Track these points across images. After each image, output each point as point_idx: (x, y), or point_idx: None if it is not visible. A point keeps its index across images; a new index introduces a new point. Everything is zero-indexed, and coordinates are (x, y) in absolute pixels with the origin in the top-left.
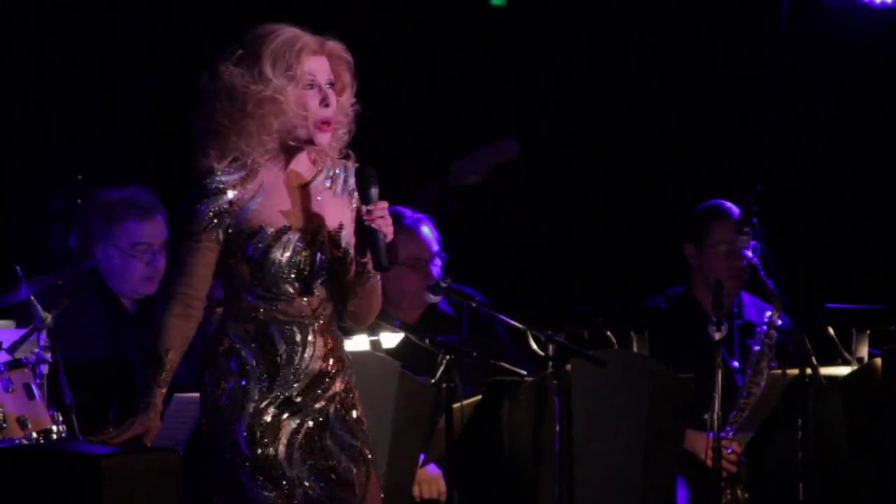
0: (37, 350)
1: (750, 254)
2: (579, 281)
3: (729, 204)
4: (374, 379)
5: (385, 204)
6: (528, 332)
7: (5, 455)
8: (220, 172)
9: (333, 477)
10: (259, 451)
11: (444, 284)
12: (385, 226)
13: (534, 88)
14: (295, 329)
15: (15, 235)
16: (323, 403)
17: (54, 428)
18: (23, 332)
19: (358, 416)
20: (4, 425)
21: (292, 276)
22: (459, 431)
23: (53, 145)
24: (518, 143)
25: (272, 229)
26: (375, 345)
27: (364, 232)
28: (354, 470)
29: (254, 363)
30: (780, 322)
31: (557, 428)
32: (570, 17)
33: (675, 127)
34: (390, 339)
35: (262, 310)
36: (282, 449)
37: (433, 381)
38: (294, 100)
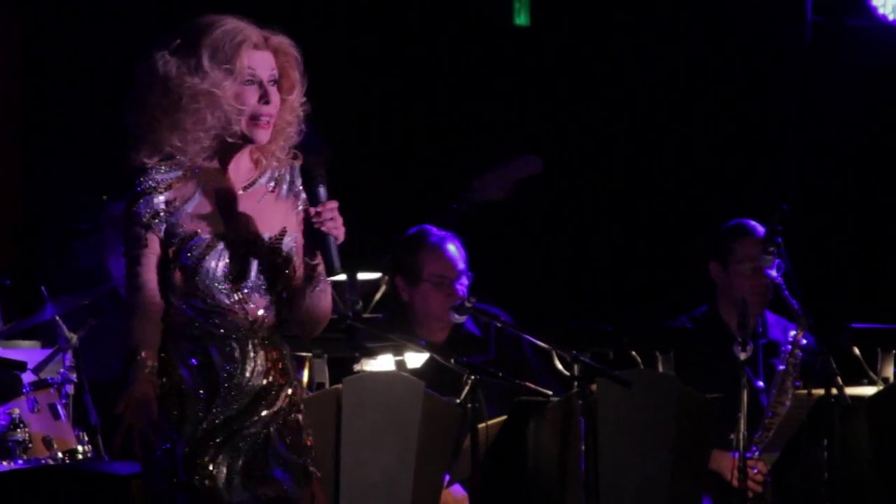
0: (62, 370)
1: (775, 273)
2: (605, 301)
3: (754, 223)
4: (399, 399)
5: (335, 204)
6: (554, 352)
7: (31, 475)
8: (153, 171)
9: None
10: (197, 476)
11: (468, 304)
12: (335, 227)
13: (558, 106)
14: (234, 345)
15: (41, 256)
16: (265, 421)
17: (80, 448)
18: (48, 352)
19: (303, 441)
20: (30, 445)
21: (227, 286)
22: (485, 452)
23: (79, 166)
24: (541, 159)
25: (207, 236)
26: (400, 365)
27: (313, 235)
28: (299, 492)
29: (190, 382)
30: (805, 342)
31: (583, 448)
32: (593, 37)
33: (701, 146)
34: (415, 359)
35: (198, 324)
36: (222, 474)
37: (458, 401)
38: (231, 95)
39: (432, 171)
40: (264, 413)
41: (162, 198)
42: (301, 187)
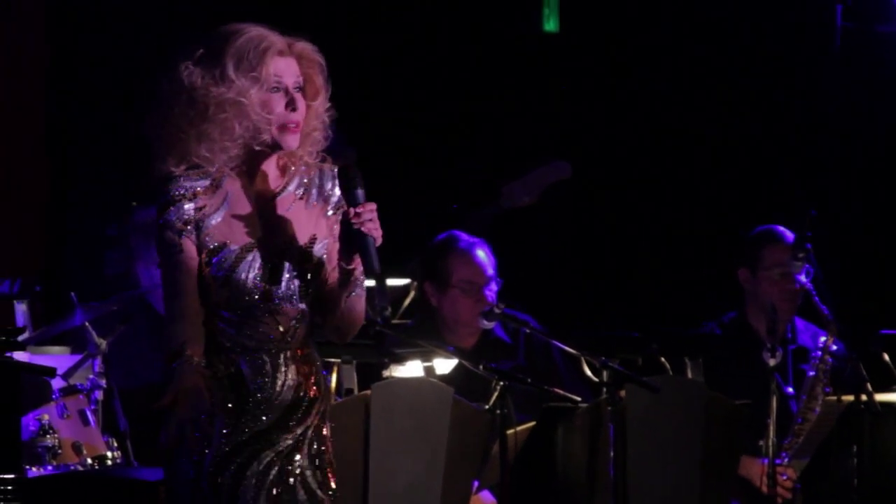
0: (91, 376)
1: (804, 279)
2: (633, 307)
3: (783, 229)
4: (428, 405)
5: (373, 206)
6: (583, 359)
7: (61, 481)
8: (181, 178)
9: None
10: (222, 488)
11: (497, 310)
12: (374, 229)
13: (587, 111)
14: (265, 358)
15: (70, 262)
16: (297, 435)
17: (109, 454)
18: (77, 358)
19: (328, 479)
20: (59, 451)
21: (257, 297)
22: (514, 458)
23: (109, 172)
24: (570, 165)
25: (236, 247)
26: (429, 371)
27: (353, 236)
28: None
29: (221, 396)
30: (834, 348)
31: (612, 454)
32: (621, 43)
33: (730, 152)
34: (444, 365)
35: (229, 335)
36: (250, 491)
37: (487, 407)
38: (258, 102)
39: (461, 176)
40: (295, 429)
41: (192, 205)
42: (331, 191)
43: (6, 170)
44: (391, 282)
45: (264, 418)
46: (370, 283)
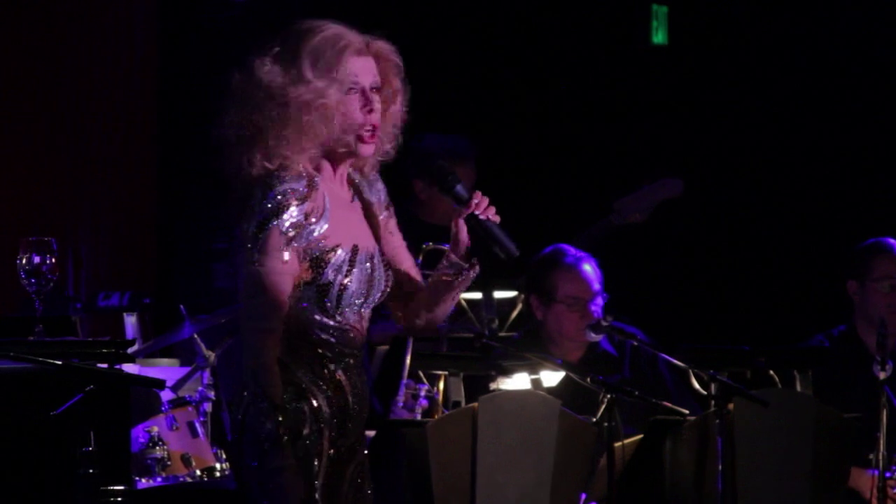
0: (200, 388)
1: None
2: (742, 320)
3: (893, 240)
4: (535, 418)
5: (479, 193)
6: (691, 371)
7: (170, 493)
8: (287, 180)
9: None
10: None
11: (605, 323)
12: (493, 214)
13: (697, 127)
14: (353, 368)
15: (180, 275)
16: (365, 445)
17: (217, 465)
18: (186, 370)
19: (370, 492)
20: (168, 463)
21: (358, 303)
22: (621, 470)
23: (217, 186)
24: (682, 181)
25: (343, 252)
26: (536, 384)
27: (482, 228)
28: None
29: (327, 410)
30: None
31: (720, 467)
32: (733, 55)
33: (839, 164)
34: (551, 377)
35: (333, 344)
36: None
37: (594, 419)
38: (335, 104)
39: (574, 191)
40: (363, 438)
41: (300, 209)
42: (377, 193)
43: (117, 184)
44: (499, 294)
45: (354, 430)
46: (477, 294)
